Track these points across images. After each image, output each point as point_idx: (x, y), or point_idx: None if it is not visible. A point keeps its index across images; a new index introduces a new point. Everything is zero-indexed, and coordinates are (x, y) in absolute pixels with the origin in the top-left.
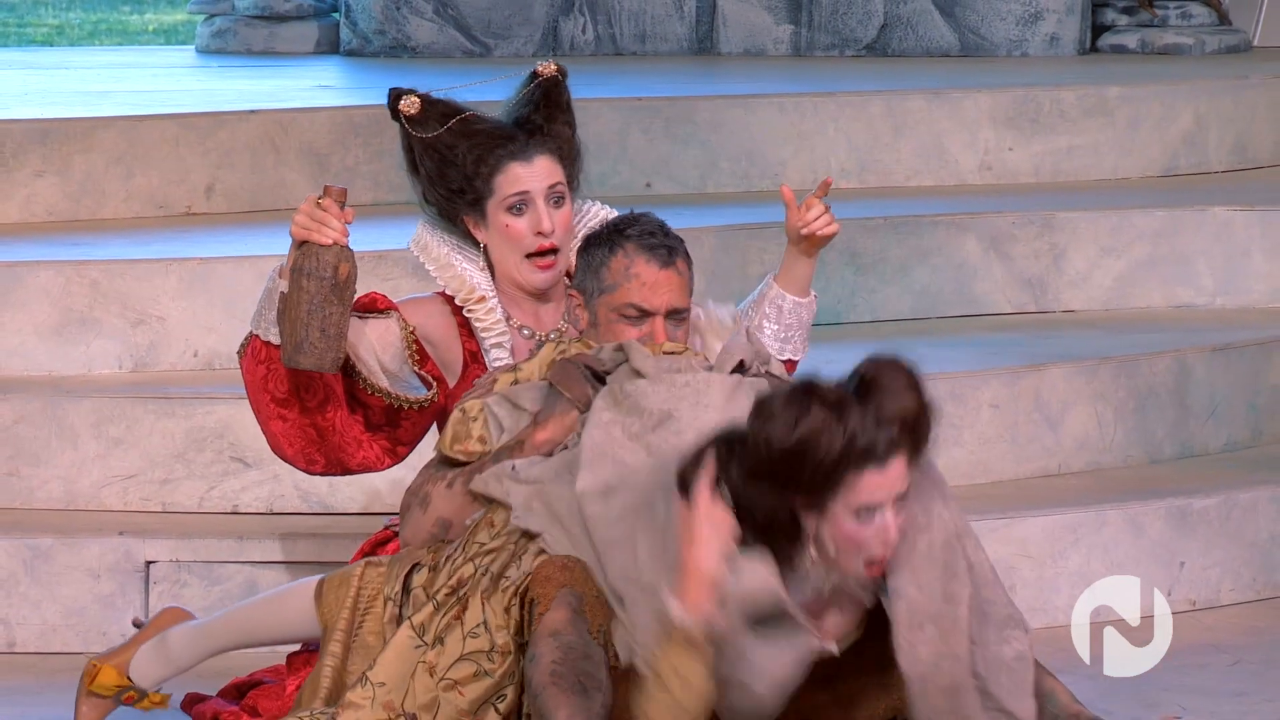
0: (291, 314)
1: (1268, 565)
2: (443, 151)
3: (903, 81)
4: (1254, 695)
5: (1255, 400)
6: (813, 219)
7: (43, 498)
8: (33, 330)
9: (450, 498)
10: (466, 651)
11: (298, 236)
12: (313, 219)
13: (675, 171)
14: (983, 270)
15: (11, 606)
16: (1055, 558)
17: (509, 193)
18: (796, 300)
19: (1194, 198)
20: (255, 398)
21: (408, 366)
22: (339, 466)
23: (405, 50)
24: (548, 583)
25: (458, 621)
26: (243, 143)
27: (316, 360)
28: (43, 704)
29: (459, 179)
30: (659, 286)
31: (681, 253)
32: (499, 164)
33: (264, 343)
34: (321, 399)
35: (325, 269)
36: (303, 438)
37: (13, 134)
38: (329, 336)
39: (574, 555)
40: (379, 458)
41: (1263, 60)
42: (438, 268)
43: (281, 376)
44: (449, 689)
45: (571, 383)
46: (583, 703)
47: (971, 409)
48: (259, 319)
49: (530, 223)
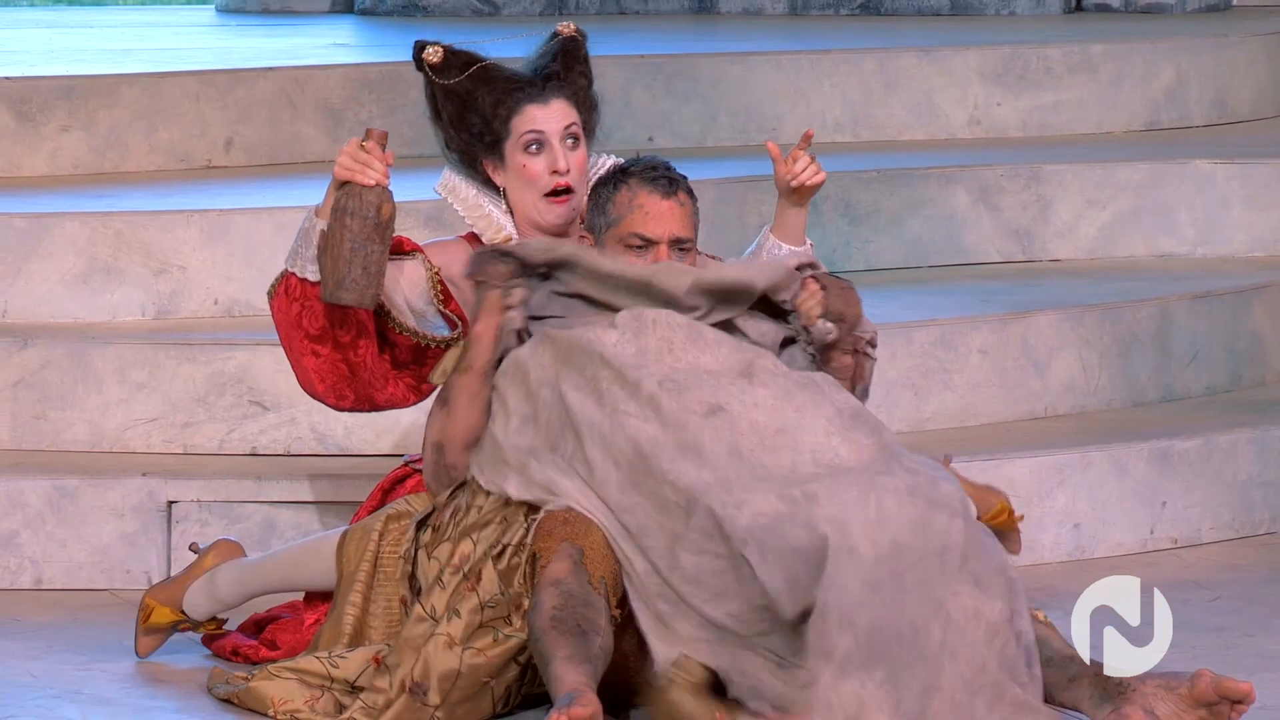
0: (334, 251)
1: (1246, 505)
2: (463, 96)
3: (895, 40)
4: (1233, 630)
5: (1234, 346)
6: (800, 170)
7: (69, 440)
8: (59, 279)
9: (432, 421)
10: (486, 620)
11: (341, 177)
12: (356, 160)
13: (676, 126)
14: (972, 221)
15: (39, 545)
16: (1042, 497)
17: (525, 130)
18: (792, 249)
19: (1176, 151)
20: (288, 334)
21: (433, 306)
22: (368, 403)
23: (417, 9)
24: (550, 536)
25: (472, 593)
26: (261, 99)
27: (358, 296)
28: (69, 638)
29: (479, 122)
30: (662, 216)
31: (684, 186)
32: (516, 106)
33: (300, 280)
34: (354, 335)
35: (368, 208)
36: (334, 374)
37: (39, 90)
38: (370, 274)
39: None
40: (404, 395)
41: (1241, 18)
42: (465, 208)
43: (316, 313)
44: (475, 656)
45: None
46: (580, 644)
47: (961, 354)
48: (295, 257)
49: (547, 162)
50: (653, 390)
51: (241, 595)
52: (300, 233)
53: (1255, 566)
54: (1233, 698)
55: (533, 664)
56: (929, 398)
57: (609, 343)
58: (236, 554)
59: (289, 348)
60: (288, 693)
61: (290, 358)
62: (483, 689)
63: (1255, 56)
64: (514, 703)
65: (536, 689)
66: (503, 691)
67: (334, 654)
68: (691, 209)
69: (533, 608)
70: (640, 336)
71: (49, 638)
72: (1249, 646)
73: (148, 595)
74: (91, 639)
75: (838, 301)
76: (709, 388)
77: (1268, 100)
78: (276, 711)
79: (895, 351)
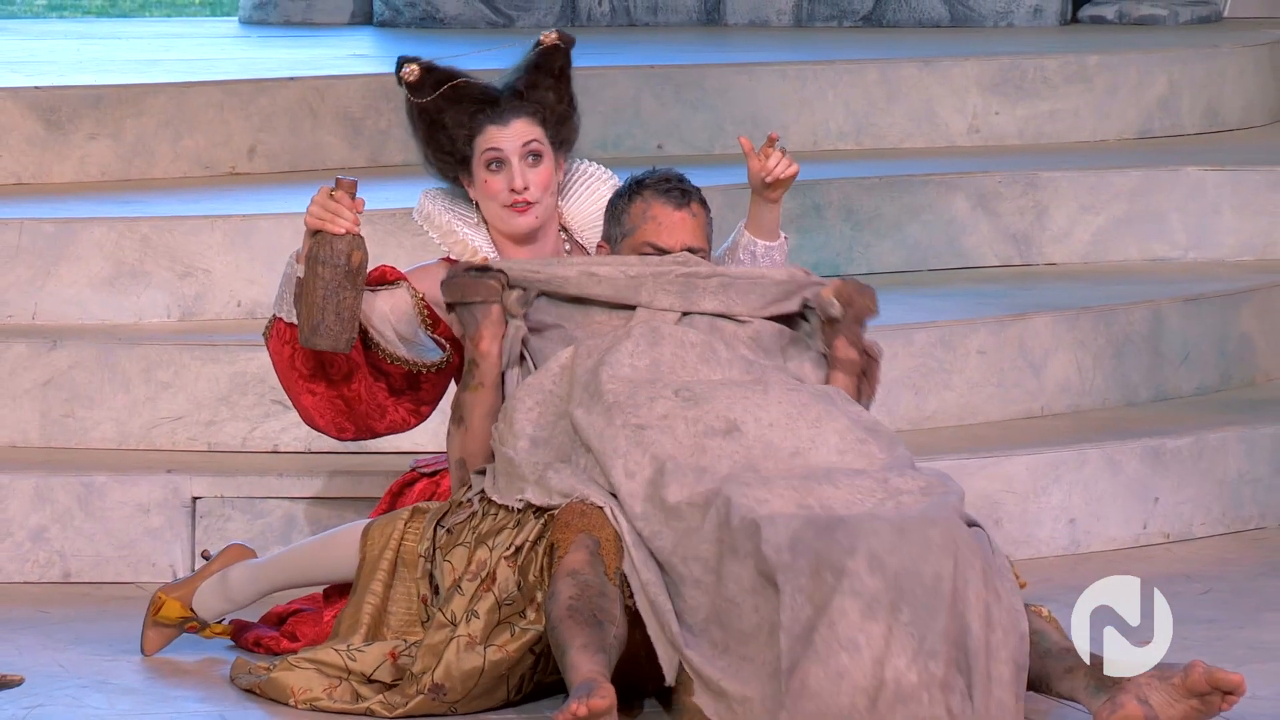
0: (308, 299)
1: (1236, 501)
2: (433, 115)
3: (896, 50)
4: (1224, 622)
5: (1225, 347)
6: (773, 165)
7: (96, 438)
8: (87, 282)
9: (452, 440)
10: (503, 616)
11: (312, 226)
12: (326, 210)
13: (685, 134)
14: (971, 226)
15: (68, 539)
16: (1038, 494)
17: (485, 149)
18: (767, 245)
19: (1168, 158)
20: (284, 375)
21: (422, 331)
22: (368, 432)
23: (434, 21)
24: (567, 528)
25: (489, 593)
26: (282, 108)
27: (332, 342)
28: (96, 629)
29: (447, 141)
30: (675, 226)
31: (696, 197)
32: (478, 127)
33: (288, 324)
34: (346, 371)
35: (339, 257)
36: (332, 409)
37: (68, 99)
38: (343, 319)
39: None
40: (404, 420)
41: (1232, 30)
42: (441, 235)
43: (306, 354)
44: (496, 653)
45: (470, 288)
46: (596, 633)
47: (960, 355)
48: (280, 302)
49: (505, 180)
50: (669, 399)
51: (255, 593)
52: (284, 278)
53: (1245, 561)
54: (1224, 688)
55: (546, 653)
56: (929, 397)
57: (624, 352)
58: (248, 558)
59: (287, 388)
60: (307, 682)
61: (290, 397)
62: (500, 681)
63: (1245, 67)
64: (527, 690)
65: (549, 677)
66: (517, 680)
67: (352, 647)
68: (704, 220)
69: (550, 597)
70: (655, 347)
71: (77, 629)
72: (1239, 638)
73: (159, 591)
74: (118, 630)
75: (850, 286)
76: (724, 400)
77: (1257, 109)
78: (297, 701)
79: (896, 352)
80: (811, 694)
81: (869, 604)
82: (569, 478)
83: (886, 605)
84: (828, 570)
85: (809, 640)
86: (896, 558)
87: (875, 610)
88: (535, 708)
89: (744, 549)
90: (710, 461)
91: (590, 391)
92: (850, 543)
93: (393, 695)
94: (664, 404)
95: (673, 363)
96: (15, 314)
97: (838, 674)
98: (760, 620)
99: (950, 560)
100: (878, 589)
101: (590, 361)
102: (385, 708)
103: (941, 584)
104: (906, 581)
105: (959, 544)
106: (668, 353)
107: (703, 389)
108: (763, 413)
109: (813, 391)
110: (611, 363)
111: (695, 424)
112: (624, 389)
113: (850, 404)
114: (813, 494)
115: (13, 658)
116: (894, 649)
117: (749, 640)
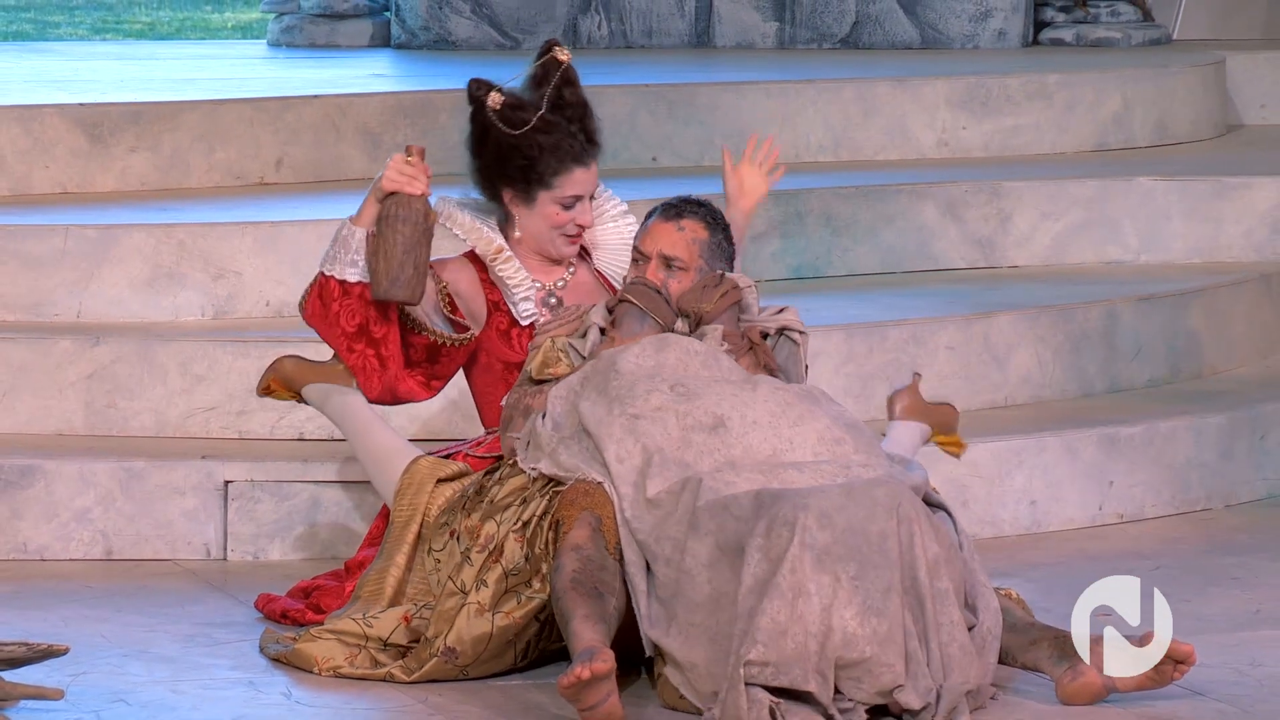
0: (387, 253)
1: (1184, 484)
2: (516, 144)
3: (871, 71)
4: (1172, 596)
5: (1174, 343)
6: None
7: (136, 427)
8: (128, 284)
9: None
10: (510, 586)
11: (390, 187)
12: (403, 173)
13: (677, 148)
14: (940, 232)
15: (110, 520)
16: (1002, 478)
17: (568, 193)
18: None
19: (1121, 169)
20: (328, 332)
21: (440, 314)
22: (390, 394)
23: (447, 44)
24: (572, 505)
25: (497, 564)
26: (307, 123)
27: (410, 293)
28: (136, 603)
29: (524, 171)
30: (657, 235)
31: (693, 215)
32: (563, 166)
33: (339, 282)
34: (383, 334)
35: (417, 215)
36: (367, 368)
37: (110, 115)
38: (420, 273)
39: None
40: (417, 389)
41: (1181, 51)
42: (465, 231)
43: (352, 311)
44: (504, 619)
45: (659, 309)
46: (598, 604)
47: (930, 350)
48: (333, 262)
49: (575, 215)
50: (664, 394)
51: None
52: (338, 240)
53: (1192, 539)
54: (1176, 658)
55: (550, 620)
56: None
57: (631, 354)
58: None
59: (330, 343)
60: (329, 652)
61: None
62: (508, 646)
63: (1193, 86)
64: (532, 656)
65: (554, 644)
66: (523, 646)
67: (368, 615)
68: (694, 238)
69: (555, 570)
70: (661, 352)
71: (118, 603)
72: (1187, 611)
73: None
74: (156, 604)
75: (690, 299)
76: (714, 397)
77: (1204, 124)
78: (321, 669)
79: (872, 348)
80: (768, 634)
81: (819, 556)
82: (575, 455)
83: (835, 558)
84: (783, 526)
85: (771, 584)
86: (844, 516)
87: (824, 562)
88: (541, 673)
89: (705, 527)
90: (693, 457)
91: (598, 388)
92: (802, 501)
93: (409, 660)
94: (659, 397)
95: (675, 365)
96: (61, 313)
97: (793, 616)
98: (711, 591)
99: (893, 519)
100: (827, 542)
101: (603, 364)
102: (404, 671)
103: (887, 541)
104: (853, 539)
105: (901, 501)
106: (672, 358)
107: (697, 384)
108: (749, 410)
109: (798, 391)
110: (620, 363)
111: (685, 418)
112: (625, 384)
113: (832, 403)
114: (778, 478)
115: (59, 629)
116: (840, 599)
117: (697, 609)
